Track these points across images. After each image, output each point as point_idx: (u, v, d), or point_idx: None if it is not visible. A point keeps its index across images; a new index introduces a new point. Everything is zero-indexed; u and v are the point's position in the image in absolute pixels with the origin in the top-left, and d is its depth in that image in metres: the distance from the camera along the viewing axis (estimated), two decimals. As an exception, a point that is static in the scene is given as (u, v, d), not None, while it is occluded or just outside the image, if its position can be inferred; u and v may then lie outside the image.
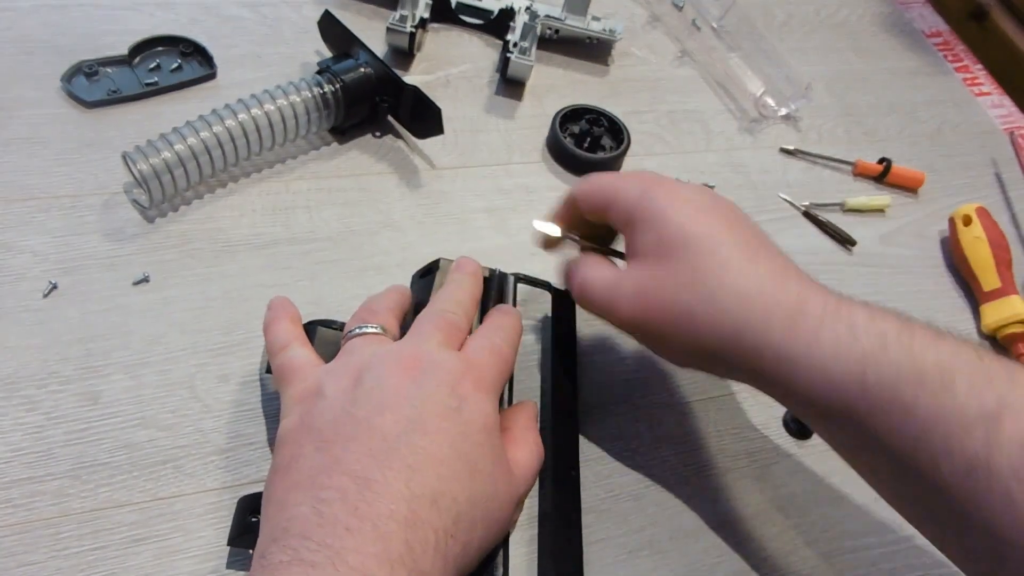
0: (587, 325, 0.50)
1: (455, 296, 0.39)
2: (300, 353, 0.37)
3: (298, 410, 0.34)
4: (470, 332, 0.38)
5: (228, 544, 0.36)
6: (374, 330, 0.37)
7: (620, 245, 0.44)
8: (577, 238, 0.43)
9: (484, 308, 0.42)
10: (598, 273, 0.40)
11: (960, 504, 0.30)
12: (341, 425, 0.31)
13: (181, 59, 0.56)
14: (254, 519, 0.34)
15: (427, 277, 0.43)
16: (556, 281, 0.47)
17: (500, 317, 0.40)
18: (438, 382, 0.33)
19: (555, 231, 0.43)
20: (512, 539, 0.37)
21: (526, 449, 0.37)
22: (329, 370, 0.35)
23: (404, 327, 0.38)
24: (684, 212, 0.37)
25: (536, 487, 0.42)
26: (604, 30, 0.67)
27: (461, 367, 0.34)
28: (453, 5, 0.66)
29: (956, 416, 0.30)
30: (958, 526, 0.31)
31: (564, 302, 0.48)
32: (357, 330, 0.37)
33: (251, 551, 0.35)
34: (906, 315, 0.34)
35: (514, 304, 0.44)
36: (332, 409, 0.32)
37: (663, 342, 0.38)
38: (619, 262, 0.41)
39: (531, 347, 0.48)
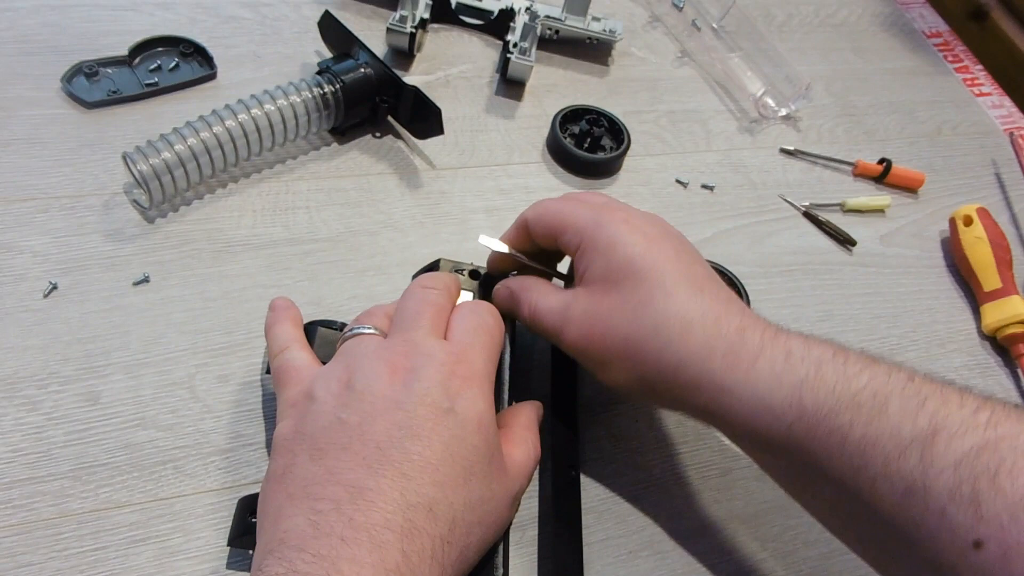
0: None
1: (438, 277, 0.39)
2: (298, 356, 0.37)
3: (292, 415, 0.34)
4: None
5: (228, 544, 0.36)
6: (368, 331, 0.36)
7: (563, 267, 0.44)
8: (524, 258, 0.43)
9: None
10: (547, 300, 0.39)
11: (900, 527, 0.30)
12: (333, 433, 0.31)
13: (181, 59, 0.56)
14: (254, 519, 0.34)
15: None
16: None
17: (475, 301, 0.40)
18: (428, 381, 0.33)
19: (502, 248, 0.43)
20: (512, 539, 0.37)
21: (523, 448, 0.36)
22: (322, 374, 0.35)
23: None
24: (634, 241, 0.37)
25: (536, 486, 0.42)
26: (604, 30, 0.67)
27: (451, 359, 0.34)
28: (453, 5, 0.66)
29: (891, 439, 0.30)
30: (898, 549, 0.31)
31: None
32: (351, 332, 0.37)
33: (251, 552, 0.35)
34: (840, 343, 0.35)
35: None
36: (324, 415, 0.32)
37: (608, 370, 0.38)
38: (559, 283, 0.42)
39: (531, 347, 0.48)
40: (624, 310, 0.36)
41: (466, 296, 0.42)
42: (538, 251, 0.43)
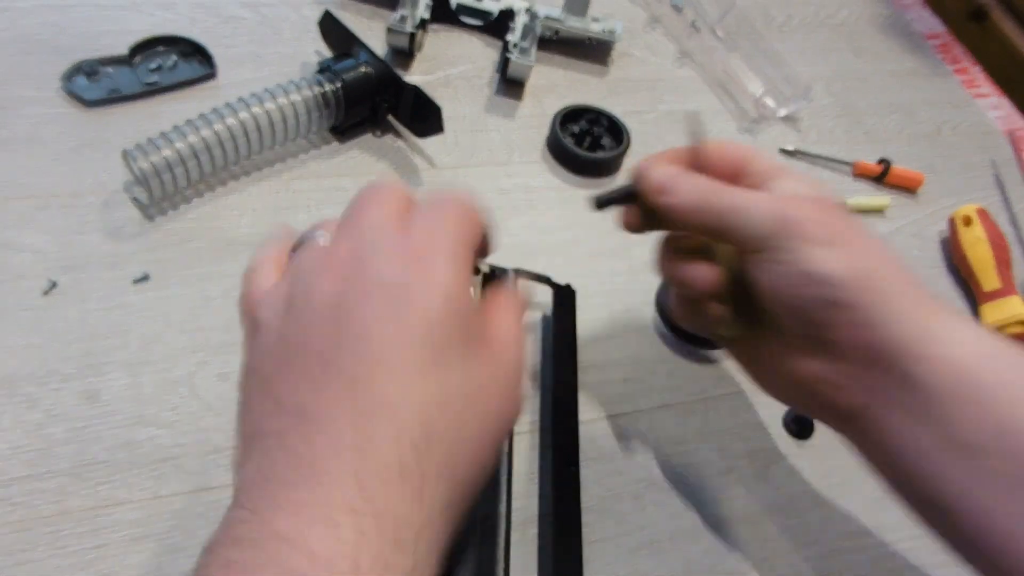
0: (587, 324, 0.50)
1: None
2: (259, 276, 0.30)
3: (246, 349, 0.29)
4: None
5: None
6: (318, 237, 0.30)
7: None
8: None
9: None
10: (746, 189, 0.34)
11: None
12: (276, 356, 0.26)
13: (181, 59, 0.56)
14: None
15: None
16: (559, 277, 0.47)
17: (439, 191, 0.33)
18: (377, 266, 0.27)
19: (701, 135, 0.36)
20: (512, 539, 0.37)
21: (504, 327, 0.30)
22: (265, 296, 0.29)
23: None
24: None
25: (536, 485, 0.42)
26: (604, 31, 0.67)
27: (402, 243, 0.27)
28: (453, 6, 0.66)
29: None
30: None
31: (565, 298, 0.48)
32: (299, 242, 0.31)
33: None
34: None
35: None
36: (267, 340, 0.27)
37: (829, 250, 0.32)
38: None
39: (532, 345, 0.48)
40: (845, 216, 0.33)
41: None
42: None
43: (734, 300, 0.36)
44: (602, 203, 0.38)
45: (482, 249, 0.32)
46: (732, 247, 0.35)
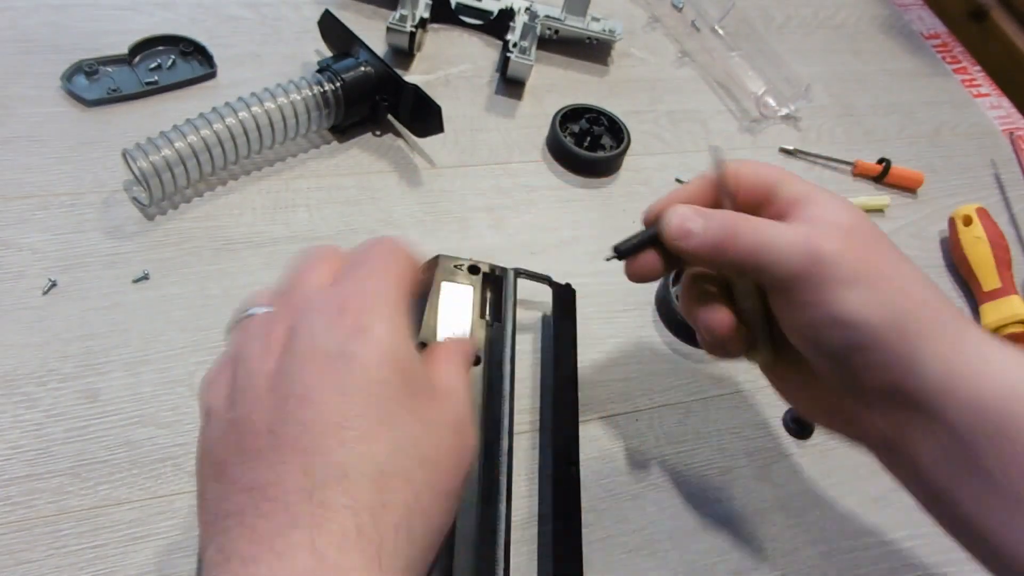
0: (588, 323, 0.50)
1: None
2: (208, 371, 0.30)
3: (199, 441, 0.28)
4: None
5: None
6: (255, 311, 0.30)
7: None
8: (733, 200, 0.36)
9: (483, 305, 0.42)
10: (773, 221, 0.33)
11: None
12: (227, 439, 0.26)
13: (181, 58, 0.56)
14: None
15: (427, 274, 0.43)
16: (559, 276, 0.47)
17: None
18: (310, 334, 0.27)
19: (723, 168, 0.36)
20: (512, 538, 0.37)
21: (446, 367, 0.30)
22: (209, 383, 0.29)
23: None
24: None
25: (536, 485, 0.42)
26: (604, 30, 0.67)
27: (333, 301, 0.27)
28: (453, 5, 0.66)
29: None
30: None
31: (565, 298, 0.48)
32: (233, 321, 0.30)
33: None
34: None
35: (514, 301, 0.44)
36: (216, 426, 0.27)
37: (853, 288, 0.31)
38: None
39: (531, 344, 0.48)
40: (874, 238, 0.33)
41: (465, 291, 0.42)
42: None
43: (761, 327, 0.35)
44: (624, 252, 0.36)
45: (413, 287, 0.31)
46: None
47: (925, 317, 0.31)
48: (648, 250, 0.36)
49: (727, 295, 0.36)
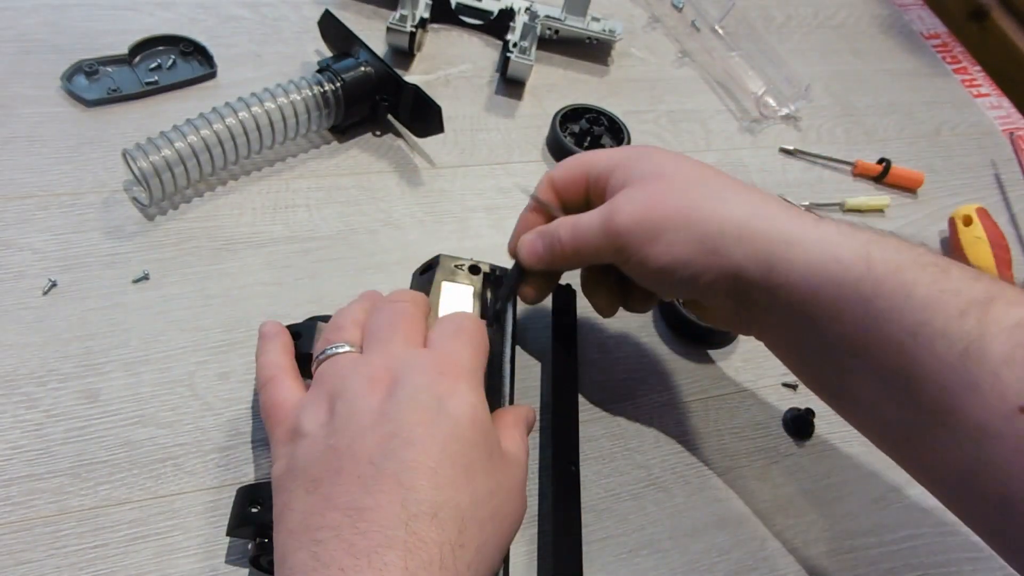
0: (588, 323, 0.50)
1: (405, 292, 0.38)
2: (283, 387, 0.35)
3: (283, 453, 0.32)
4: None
5: (227, 534, 0.36)
6: (341, 350, 0.35)
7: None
8: (560, 212, 0.41)
9: (484, 305, 0.42)
10: (585, 217, 0.39)
11: (952, 390, 0.30)
12: (326, 461, 0.30)
13: (181, 58, 0.56)
14: (253, 510, 0.34)
15: (427, 274, 0.43)
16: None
17: (454, 312, 0.38)
18: (413, 386, 0.31)
19: (547, 200, 0.41)
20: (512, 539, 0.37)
21: (511, 441, 0.35)
22: (304, 405, 0.33)
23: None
24: (665, 152, 0.39)
25: (536, 485, 0.42)
26: (604, 30, 0.67)
27: (434, 362, 0.33)
28: (453, 5, 0.66)
29: (953, 299, 0.31)
30: (943, 418, 0.31)
31: (565, 297, 0.48)
32: (322, 354, 0.35)
33: (249, 544, 0.35)
34: None
35: (514, 301, 0.44)
36: (314, 447, 0.31)
37: (661, 240, 0.36)
38: None
39: (532, 344, 0.48)
40: (675, 186, 0.37)
41: (466, 291, 0.42)
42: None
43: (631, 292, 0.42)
44: (504, 302, 0.42)
45: None
46: None
47: (735, 232, 0.35)
48: (525, 282, 0.42)
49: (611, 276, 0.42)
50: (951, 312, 0.31)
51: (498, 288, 0.43)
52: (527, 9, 0.65)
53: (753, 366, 0.51)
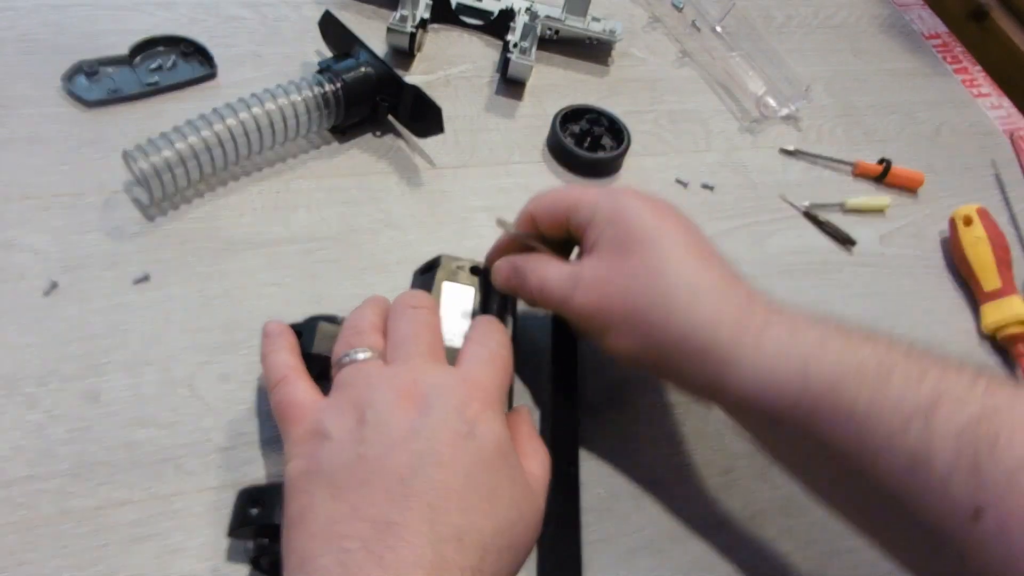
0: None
1: (420, 295, 0.39)
2: (298, 388, 0.35)
3: (302, 453, 0.32)
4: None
5: (228, 535, 0.36)
6: (364, 355, 0.35)
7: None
8: (539, 243, 0.42)
9: (485, 305, 0.42)
10: (555, 269, 0.40)
11: (903, 499, 0.30)
12: (352, 469, 0.30)
13: (182, 59, 0.56)
14: (254, 511, 0.34)
15: (428, 274, 0.43)
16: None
17: (487, 324, 0.39)
18: (444, 408, 0.32)
19: (513, 229, 0.43)
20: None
21: (536, 459, 0.36)
22: (329, 408, 0.33)
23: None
24: (645, 211, 0.38)
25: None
26: (604, 31, 0.67)
27: (464, 387, 0.33)
28: (453, 6, 0.66)
29: (895, 410, 0.31)
30: (900, 522, 0.31)
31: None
32: (346, 358, 0.35)
33: (250, 544, 0.35)
34: (840, 320, 0.36)
35: (514, 301, 0.44)
36: (340, 452, 0.31)
37: (613, 335, 0.38)
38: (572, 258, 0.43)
39: (532, 344, 0.48)
40: (635, 275, 0.37)
41: (467, 291, 0.42)
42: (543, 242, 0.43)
43: None
44: (495, 309, 0.43)
45: None
46: None
47: (675, 349, 0.36)
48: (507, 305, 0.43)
49: None
50: (893, 426, 0.30)
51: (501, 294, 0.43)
52: (527, 9, 0.65)
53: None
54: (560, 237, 0.42)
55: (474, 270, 0.43)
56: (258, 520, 0.34)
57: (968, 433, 0.29)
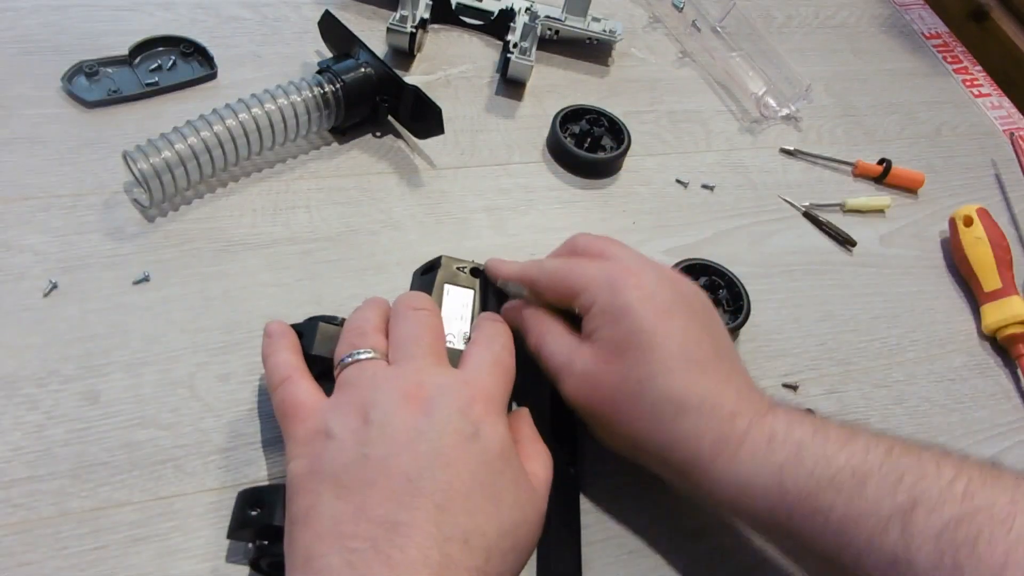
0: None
1: (421, 297, 0.39)
2: (300, 388, 0.35)
3: (306, 453, 0.32)
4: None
5: (227, 537, 0.36)
6: (367, 356, 0.35)
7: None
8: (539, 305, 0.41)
9: (485, 308, 0.42)
10: (555, 341, 0.39)
11: None
12: (357, 469, 0.30)
13: (181, 59, 0.56)
14: (253, 512, 0.34)
15: (428, 275, 0.43)
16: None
17: (491, 325, 0.39)
18: (449, 410, 0.32)
19: (521, 291, 0.42)
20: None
21: (539, 461, 0.36)
22: (333, 407, 0.33)
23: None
24: (644, 313, 0.36)
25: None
26: (604, 31, 0.67)
27: (468, 389, 0.34)
28: (453, 6, 0.66)
29: (871, 516, 0.31)
30: None
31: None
32: (349, 358, 0.35)
33: (250, 545, 0.35)
34: (823, 418, 0.37)
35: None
36: (344, 452, 0.31)
37: (599, 428, 0.39)
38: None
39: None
40: (624, 382, 0.36)
41: (467, 294, 0.42)
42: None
43: None
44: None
45: None
46: None
47: (655, 450, 0.37)
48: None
49: None
50: (873, 530, 0.31)
51: (498, 291, 0.43)
52: (527, 9, 0.65)
53: (753, 367, 0.51)
54: (565, 306, 0.41)
55: (474, 272, 0.43)
56: (258, 522, 0.34)
57: (947, 536, 0.30)
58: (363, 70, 0.53)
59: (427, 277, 0.43)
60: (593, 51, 0.69)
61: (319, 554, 0.29)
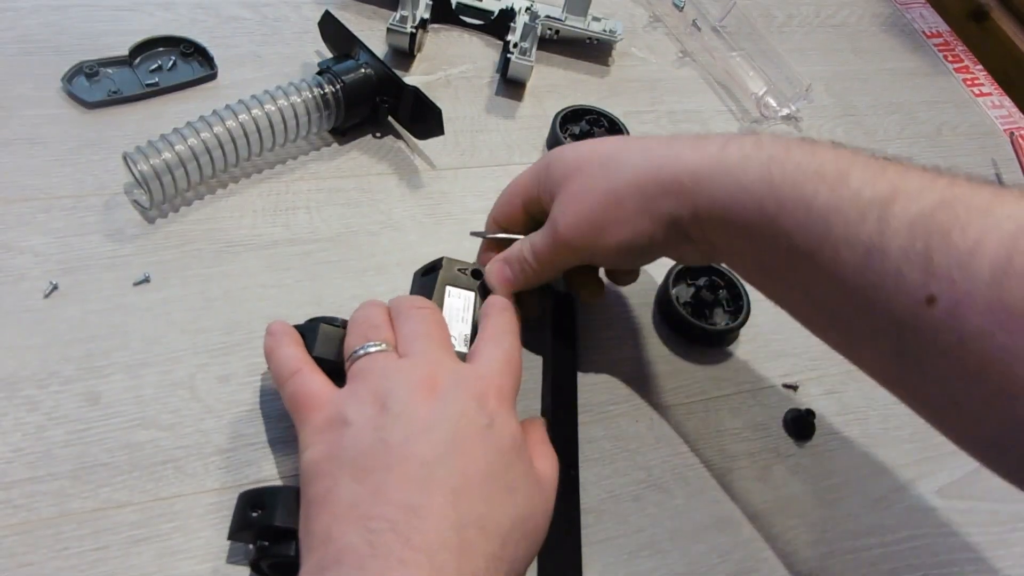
0: (588, 324, 0.50)
1: (420, 298, 0.40)
2: (312, 379, 0.36)
3: (322, 440, 0.33)
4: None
5: (228, 539, 0.36)
6: (379, 348, 0.36)
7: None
8: (511, 235, 0.45)
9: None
10: (535, 234, 0.42)
11: (861, 292, 0.31)
12: (376, 454, 0.31)
13: (181, 59, 0.56)
14: (254, 514, 0.34)
15: (429, 276, 0.43)
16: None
17: (499, 316, 0.39)
18: (464, 400, 0.33)
19: (498, 234, 0.45)
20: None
21: (548, 462, 0.37)
22: (349, 396, 0.34)
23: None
24: (569, 148, 0.42)
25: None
26: (604, 31, 0.67)
27: (481, 383, 0.34)
28: (453, 6, 0.66)
29: (852, 204, 0.31)
30: (861, 318, 0.32)
31: (565, 300, 0.48)
32: (362, 350, 0.36)
33: (251, 546, 0.35)
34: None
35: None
36: (362, 438, 0.32)
37: (605, 231, 0.39)
38: None
39: (531, 344, 0.48)
40: (595, 175, 0.39)
41: (468, 295, 0.42)
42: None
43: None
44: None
45: None
46: None
47: (655, 189, 0.38)
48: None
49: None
50: (851, 217, 0.31)
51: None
52: (527, 9, 0.65)
53: (753, 367, 0.51)
54: (530, 228, 0.43)
55: (475, 274, 0.43)
56: (259, 523, 0.34)
57: (921, 223, 0.29)
58: (363, 71, 0.53)
59: (428, 278, 0.43)
60: (593, 51, 0.69)
61: (339, 534, 0.29)
